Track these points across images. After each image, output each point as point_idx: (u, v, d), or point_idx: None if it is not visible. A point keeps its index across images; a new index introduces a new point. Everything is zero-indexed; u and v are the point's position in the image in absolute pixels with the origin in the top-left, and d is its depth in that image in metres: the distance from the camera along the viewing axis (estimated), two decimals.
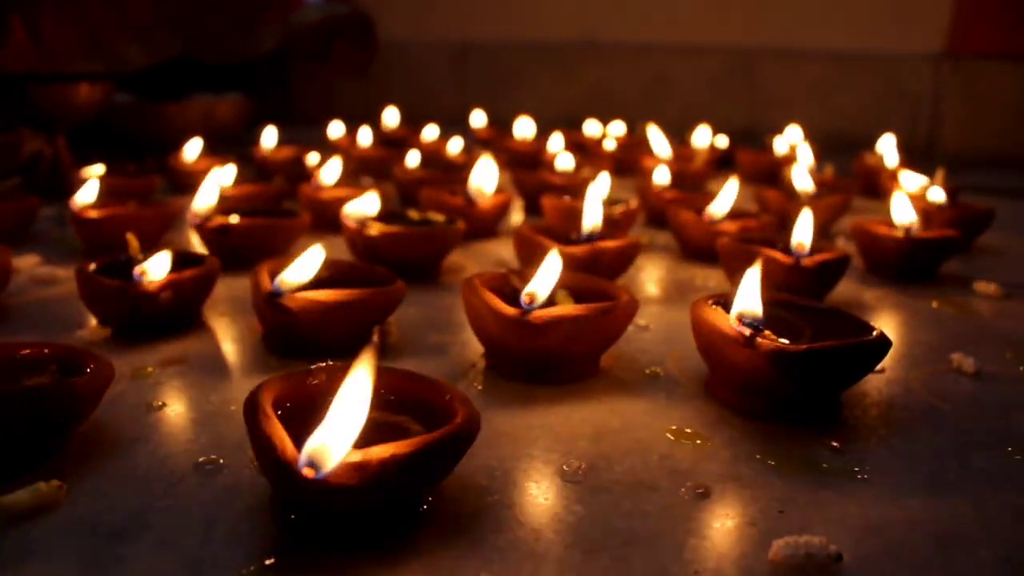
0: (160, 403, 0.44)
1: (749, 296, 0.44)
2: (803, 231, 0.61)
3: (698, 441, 0.42)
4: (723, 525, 0.35)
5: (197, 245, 0.78)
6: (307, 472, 0.28)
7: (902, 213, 0.70)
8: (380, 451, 0.30)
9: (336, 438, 0.29)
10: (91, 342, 0.53)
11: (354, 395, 0.31)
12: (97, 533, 0.33)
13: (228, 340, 0.54)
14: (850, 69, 1.52)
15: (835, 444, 0.42)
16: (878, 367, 0.52)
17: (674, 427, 0.43)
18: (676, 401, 0.46)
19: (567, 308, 0.44)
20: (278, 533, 0.33)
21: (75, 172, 0.92)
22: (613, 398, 0.46)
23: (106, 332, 0.54)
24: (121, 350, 0.51)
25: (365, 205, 0.63)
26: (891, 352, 0.55)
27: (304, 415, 0.35)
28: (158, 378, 0.48)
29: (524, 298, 0.44)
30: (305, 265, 0.49)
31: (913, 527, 0.35)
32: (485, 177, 0.74)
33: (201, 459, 0.38)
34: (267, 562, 0.31)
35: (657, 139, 1.13)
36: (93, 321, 0.56)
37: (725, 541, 0.33)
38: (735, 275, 0.63)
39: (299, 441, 0.31)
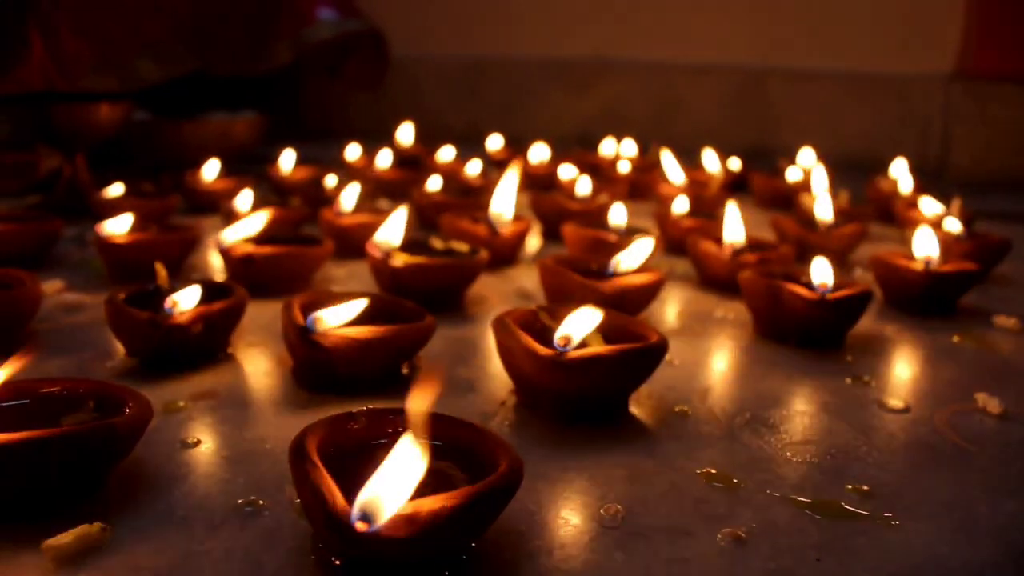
0: (194, 440, 0.45)
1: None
2: (825, 269, 0.61)
3: (734, 480, 0.42)
4: (762, 572, 0.35)
5: (217, 269, 0.79)
6: (360, 526, 0.29)
7: (924, 247, 0.70)
8: (431, 503, 0.30)
9: (390, 493, 0.29)
10: (120, 373, 0.53)
11: (410, 453, 0.31)
12: None
13: (258, 373, 0.54)
14: (861, 90, 1.53)
15: (865, 488, 0.42)
16: (902, 406, 0.52)
17: (706, 470, 0.43)
18: (706, 441, 0.47)
19: (601, 349, 0.45)
20: None
21: (94, 191, 0.93)
22: (644, 438, 0.46)
23: (134, 363, 0.54)
24: (151, 382, 0.51)
25: (392, 233, 0.63)
26: (915, 390, 0.56)
27: (346, 460, 0.36)
28: (190, 413, 0.48)
29: (559, 341, 0.45)
30: (345, 312, 0.49)
31: None
32: (505, 202, 0.74)
33: (240, 501, 0.39)
34: None
35: (671, 166, 1.13)
36: (120, 350, 0.56)
37: None
38: (757, 308, 0.63)
39: (344, 487, 0.31)
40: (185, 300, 0.53)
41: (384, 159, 1.16)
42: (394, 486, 0.30)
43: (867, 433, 0.49)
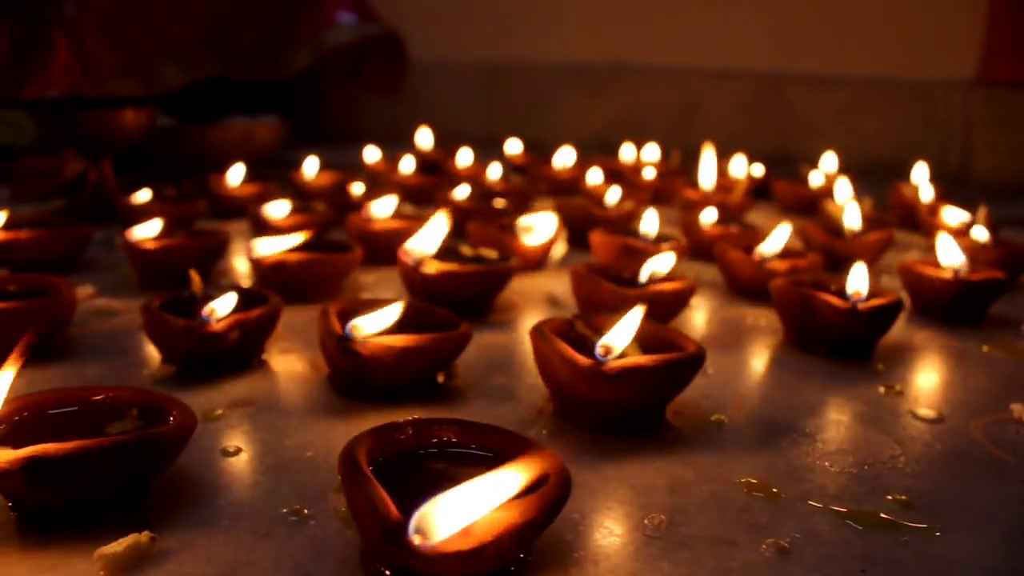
0: (234, 448, 0.45)
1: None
2: (859, 278, 0.61)
3: (773, 490, 0.42)
4: None
5: (243, 275, 0.79)
6: (417, 539, 0.29)
7: (950, 255, 0.70)
8: (488, 518, 0.30)
9: (454, 510, 0.30)
10: (158, 381, 0.53)
11: (499, 485, 0.31)
12: None
13: (293, 380, 0.55)
14: (880, 95, 1.52)
15: (903, 498, 0.42)
16: (935, 415, 0.52)
17: (746, 479, 0.43)
18: (744, 450, 0.47)
19: (641, 359, 0.45)
20: None
21: (121, 196, 0.94)
22: (683, 448, 0.46)
23: (171, 370, 0.55)
24: (188, 390, 0.52)
25: (428, 241, 0.64)
26: (948, 399, 0.56)
27: (392, 470, 0.36)
28: (228, 421, 0.48)
29: (599, 350, 0.45)
30: (382, 318, 0.49)
31: None
32: (543, 227, 0.75)
33: (284, 510, 0.39)
34: None
35: (706, 169, 1.12)
36: (155, 357, 0.57)
37: None
38: (788, 317, 0.63)
39: (392, 497, 0.31)
40: (222, 308, 0.53)
41: (407, 165, 1.16)
42: (462, 504, 0.30)
43: (903, 443, 0.49)
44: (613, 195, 0.95)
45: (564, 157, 1.29)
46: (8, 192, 1.09)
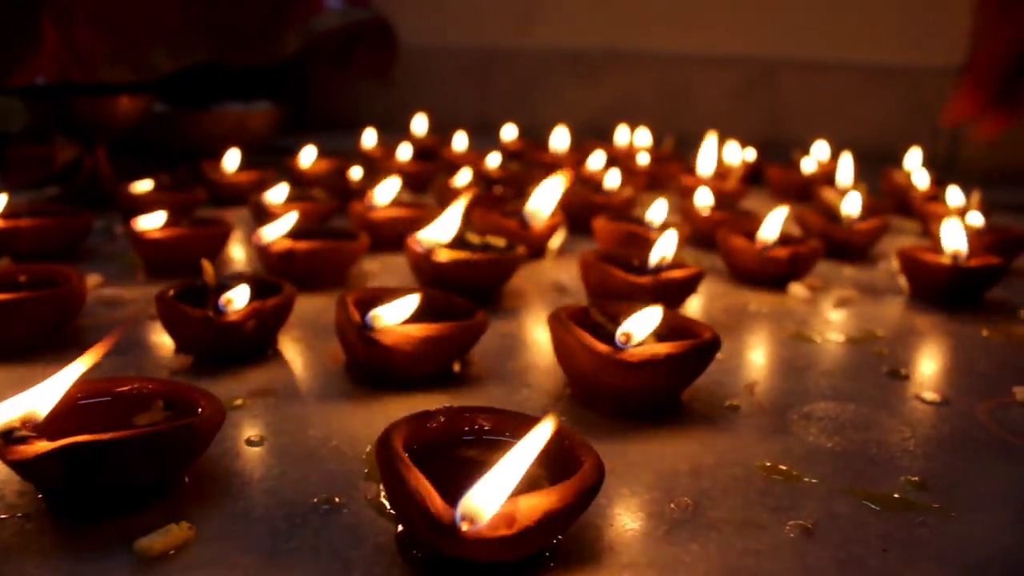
0: (258, 437, 0.45)
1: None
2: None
3: (793, 473, 0.43)
4: (835, 562, 0.36)
5: (244, 263, 0.79)
6: (465, 526, 0.30)
7: (954, 240, 0.71)
8: (528, 502, 0.31)
9: (492, 493, 0.30)
10: (175, 371, 0.53)
11: (523, 457, 0.32)
12: None
13: (310, 369, 0.55)
14: (871, 81, 1.54)
15: (917, 479, 0.43)
16: (941, 399, 0.54)
17: (764, 463, 0.44)
18: (760, 435, 0.48)
19: (662, 346, 0.46)
20: (412, 572, 0.34)
21: (117, 184, 0.93)
22: (702, 433, 0.47)
23: (188, 360, 0.55)
24: (208, 380, 0.52)
25: (442, 230, 0.64)
26: (952, 383, 0.57)
27: (425, 458, 0.36)
28: (249, 411, 0.49)
29: (620, 337, 0.45)
30: (402, 308, 0.50)
31: (1013, 568, 0.36)
32: (547, 200, 0.75)
33: (315, 499, 0.39)
34: None
35: (706, 155, 1.13)
36: (169, 347, 0.57)
37: None
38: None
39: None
40: (239, 297, 0.54)
41: (404, 152, 1.16)
42: (500, 486, 0.31)
43: (912, 426, 0.50)
44: (612, 180, 0.95)
45: (559, 140, 1.29)
46: (0, 179, 1.08)
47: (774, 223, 0.75)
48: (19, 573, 0.33)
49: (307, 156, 1.10)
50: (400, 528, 0.36)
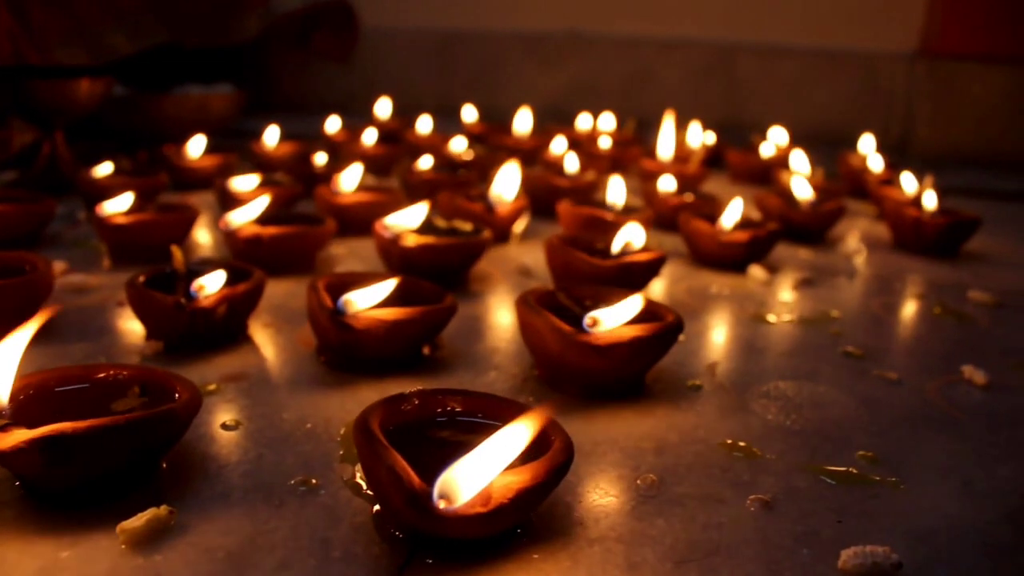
0: (234, 422, 0.46)
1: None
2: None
3: (753, 450, 0.45)
4: (792, 535, 0.38)
5: (209, 248, 0.79)
6: (442, 504, 0.31)
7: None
8: (502, 481, 0.32)
9: (473, 473, 0.31)
10: (147, 357, 0.54)
11: (508, 442, 0.33)
12: (216, 558, 0.35)
13: (283, 353, 0.55)
14: (826, 66, 1.57)
15: (870, 454, 0.46)
16: (895, 377, 0.56)
17: (727, 440, 0.46)
18: (721, 414, 0.50)
19: (628, 329, 0.47)
20: (390, 550, 0.35)
21: (77, 168, 0.92)
22: (665, 412, 0.49)
23: (159, 346, 0.55)
24: (180, 366, 0.52)
25: (409, 218, 0.65)
26: (904, 363, 0.59)
27: (401, 439, 0.38)
28: (224, 395, 0.49)
29: (587, 320, 0.47)
30: (375, 293, 0.50)
31: (957, 536, 0.38)
32: (508, 185, 0.76)
33: (293, 481, 0.40)
34: None
35: (665, 138, 1.14)
36: (138, 333, 0.57)
37: (797, 550, 0.37)
38: None
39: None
40: (211, 284, 0.54)
41: (370, 136, 1.16)
42: (479, 467, 0.32)
43: (867, 404, 0.52)
44: (571, 164, 0.96)
45: (522, 123, 1.30)
46: None
47: (733, 212, 0.77)
48: (0, 560, 0.34)
49: (270, 137, 1.09)
50: (377, 507, 0.37)
